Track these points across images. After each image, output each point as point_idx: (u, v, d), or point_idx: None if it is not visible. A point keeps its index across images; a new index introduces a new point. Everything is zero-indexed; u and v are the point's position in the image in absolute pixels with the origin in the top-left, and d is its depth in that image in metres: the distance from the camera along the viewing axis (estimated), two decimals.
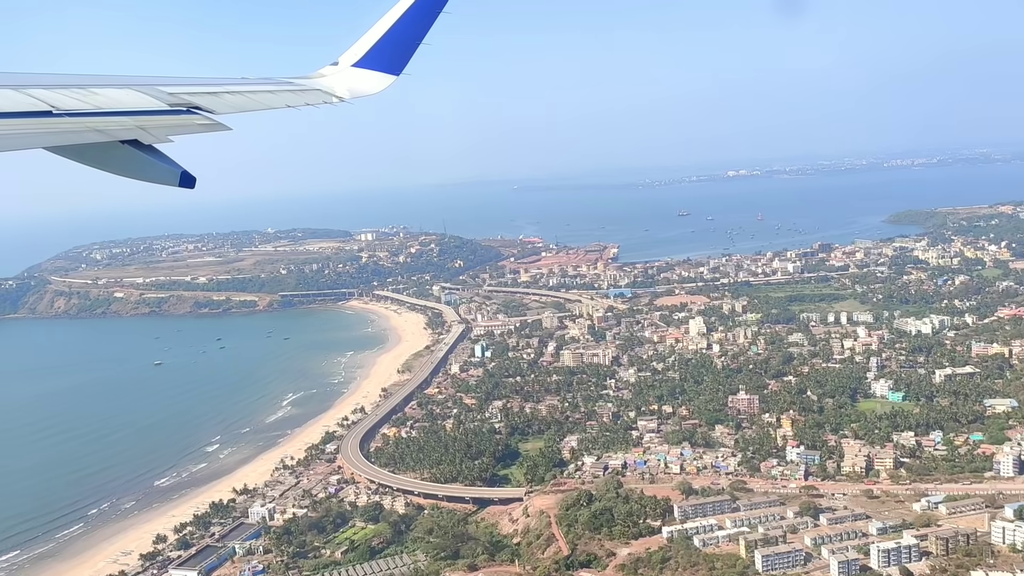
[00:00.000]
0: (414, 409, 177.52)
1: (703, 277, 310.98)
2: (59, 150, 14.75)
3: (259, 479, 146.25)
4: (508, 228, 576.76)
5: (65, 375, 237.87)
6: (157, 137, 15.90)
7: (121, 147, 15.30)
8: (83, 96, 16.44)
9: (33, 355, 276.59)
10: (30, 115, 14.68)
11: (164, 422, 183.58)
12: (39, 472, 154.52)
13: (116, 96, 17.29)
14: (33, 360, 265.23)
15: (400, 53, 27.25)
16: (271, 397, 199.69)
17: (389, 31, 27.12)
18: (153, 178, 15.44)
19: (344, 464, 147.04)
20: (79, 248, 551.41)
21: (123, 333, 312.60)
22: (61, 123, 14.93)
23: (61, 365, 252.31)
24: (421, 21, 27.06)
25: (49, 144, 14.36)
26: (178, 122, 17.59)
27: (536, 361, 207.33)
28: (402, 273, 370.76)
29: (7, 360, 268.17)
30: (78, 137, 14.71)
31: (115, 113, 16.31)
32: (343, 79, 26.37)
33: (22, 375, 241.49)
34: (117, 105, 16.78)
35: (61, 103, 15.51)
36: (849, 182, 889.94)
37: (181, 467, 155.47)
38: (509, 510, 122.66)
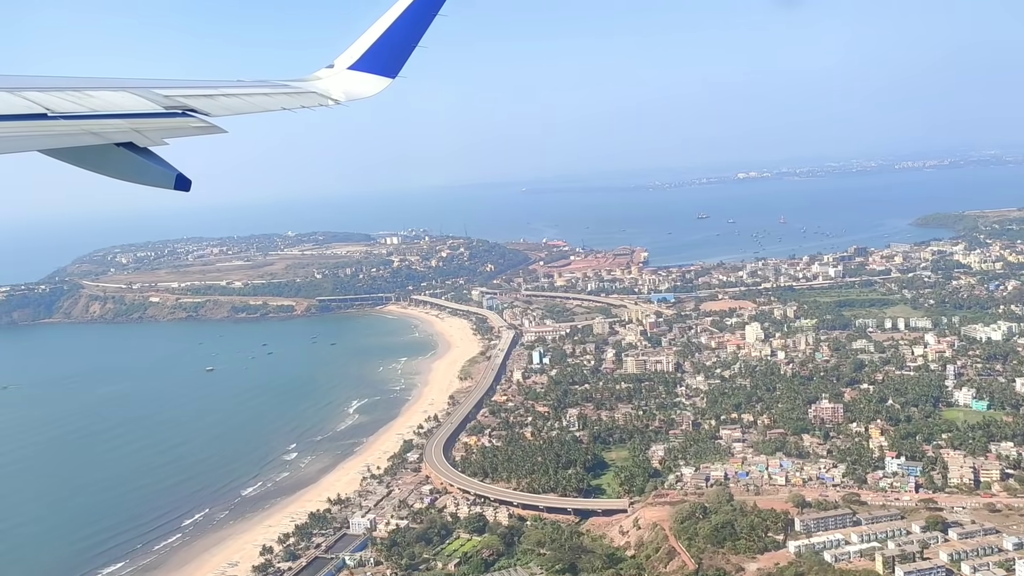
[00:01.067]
0: (487, 417, 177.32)
1: (743, 281, 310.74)
2: (54, 153, 14.79)
3: (347, 488, 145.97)
4: (527, 231, 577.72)
5: (118, 381, 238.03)
6: (152, 140, 15.93)
7: (116, 150, 15.31)
8: (78, 99, 16.48)
9: (79, 360, 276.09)
10: (25, 118, 14.66)
11: (234, 430, 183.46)
12: (122, 482, 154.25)
13: (111, 98, 17.33)
14: (81, 365, 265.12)
15: (396, 56, 27.38)
16: (336, 404, 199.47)
17: (385, 34, 27.25)
18: (148, 181, 15.47)
19: (432, 473, 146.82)
20: (99, 251, 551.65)
21: (163, 338, 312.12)
22: (56, 126, 14.91)
23: (111, 370, 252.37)
24: (417, 24, 27.21)
25: (44, 147, 14.32)
26: (173, 125, 17.62)
27: (597, 368, 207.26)
28: (435, 277, 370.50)
29: (55, 365, 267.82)
30: (73, 140, 14.73)
31: (110, 116, 16.33)
32: (339, 82, 26.50)
33: (75, 381, 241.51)
34: (112, 108, 16.79)
35: (56, 106, 15.50)
36: (861, 184, 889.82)
37: (264, 476, 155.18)
38: (613, 521, 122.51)
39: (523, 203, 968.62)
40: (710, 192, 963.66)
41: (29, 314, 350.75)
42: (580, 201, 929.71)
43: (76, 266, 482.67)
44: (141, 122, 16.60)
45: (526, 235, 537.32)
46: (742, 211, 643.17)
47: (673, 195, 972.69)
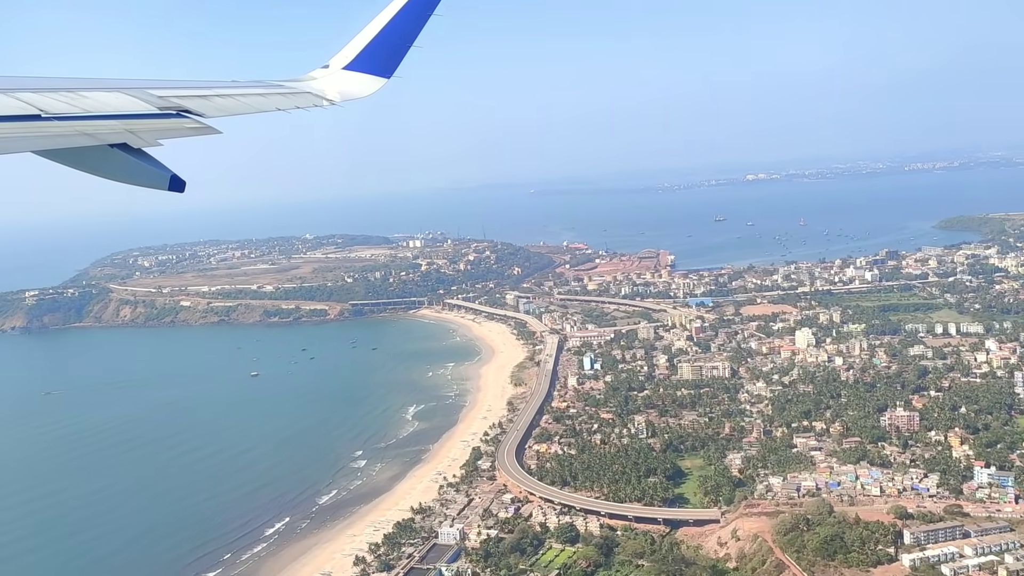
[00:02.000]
0: (551, 424, 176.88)
1: (779, 285, 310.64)
2: (48, 154, 14.81)
3: (424, 497, 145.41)
4: (544, 234, 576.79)
5: (164, 386, 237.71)
6: (146, 140, 15.93)
7: (110, 151, 15.29)
8: (72, 99, 16.48)
9: (119, 365, 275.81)
10: (19, 119, 14.65)
11: (297, 436, 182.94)
12: (197, 490, 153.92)
13: (105, 99, 17.32)
14: (122, 370, 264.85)
15: (390, 56, 27.46)
16: (393, 411, 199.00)
17: (379, 34, 27.34)
18: (142, 182, 15.46)
19: (509, 482, 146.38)
20: (118, 255, 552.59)
21: (198, 343, 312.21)
22: (50, 127, 14.91)
23: (155, 376, 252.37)
24: (411, 24, 27.32)
25: (38, 148, 14.31)
26: (167, 125, 17.63)
27: (651, 374, 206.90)
28: (464, 281, 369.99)
29: (95, 370, 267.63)
30: (67, 141, 14.72)
31: (104, 117, 16.32)
32: (334, 82, 26.57)
33: (120, 387, 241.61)
34: (106, 109, 16.79)
35: (50, 107, 15.51)
36: (873, 186, 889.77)
37: (338, 484, 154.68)
38: (706, 532, 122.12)
39: (534, 205, 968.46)
40: (720, 194, 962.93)
41: (60, 318, 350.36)
42: (591, 203, 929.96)
43: (98, 269, 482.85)
44: (135, 123, 16.64)
45: (544, 238, 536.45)
46: (758, 213, 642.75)
47: (683, 197, 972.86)
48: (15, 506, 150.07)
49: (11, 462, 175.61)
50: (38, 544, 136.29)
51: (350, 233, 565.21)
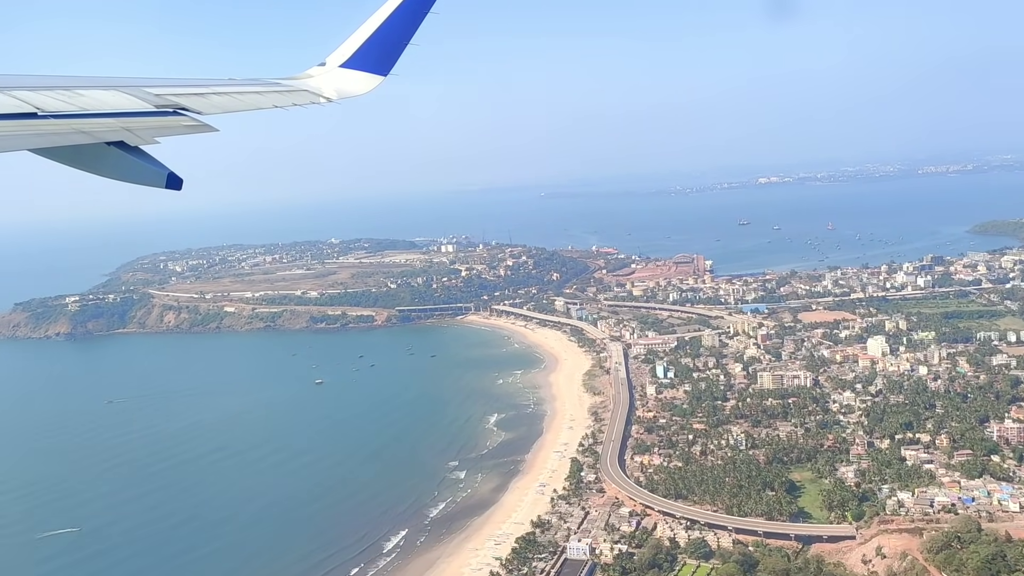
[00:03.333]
0: (643, 434, 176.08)
1: (830, 291, 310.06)
2: (45, 152, 14.76)
3: (535, 509, 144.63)
4: (567, 237, 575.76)
5: (228, 394, 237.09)
6: (143, 138, 15.97)
7: (107, 149, 15.33)
8: (68, 97, 16.50)
9: (174, 371, 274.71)
10: (14, 117, 14.65)
11: (385, 447, 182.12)
12: (304, 501, 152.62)
13: (101, 97, 17.35)
14: (179, 377, 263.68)
15: (387, 54, 27.42)
16: (473, 420, 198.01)
17: (376, 32, 27.31)
18: (139, 180, 15.50)
19: (620, 494, 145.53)
20: (144, 259, 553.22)
21: (248, 349, 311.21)
22: (46, 125, 14.93)
23: (215, 383, 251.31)
24: (409, 21, 27.27)
25: (34, 146, 14.28)
26: (164, 123, 17.65)
27: (730, 383, 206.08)
28: (506, 287, 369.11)
29: (152, 377, 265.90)
30: (63, 139, 14.72)
31: (100, 115, 16.35)
32: (331, 80, 26.59)
33: (182, 394, 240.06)
34: (102, 106, 16.83)
35: (46, 105, 15.53)
36: (887, 189, 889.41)
37: (443, 496, 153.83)
38: (841, 548, 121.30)
39: (548, 208, 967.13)
40: (734, 197, 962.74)
41: (103, 324, 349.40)
42: (605, 207, 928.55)
43: (129, 274, 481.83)
44: (132, 121, 16.64)
45: (569, 241, 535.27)
46: (781, 217, 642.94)
47: (698, 200, 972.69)
48: (122, 518, 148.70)
49: (102, 475, 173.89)
50: (152, 563, 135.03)
51: (376, 237, 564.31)
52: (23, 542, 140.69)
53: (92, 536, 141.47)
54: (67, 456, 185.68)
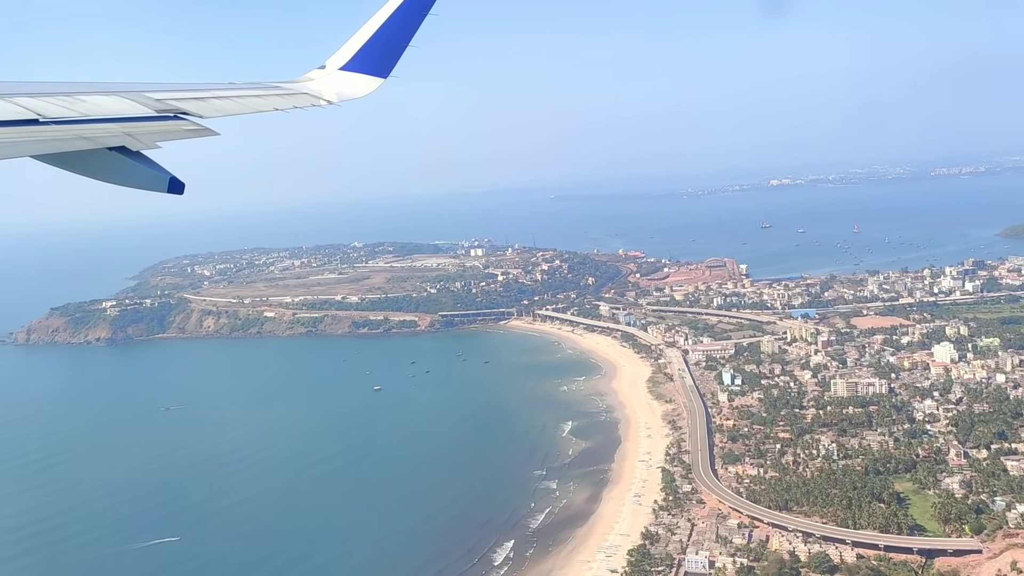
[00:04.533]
0: (727, 443, 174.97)
1: (877, 296, 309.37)
2: (47, 158, 14.87)
3: (638, 520, 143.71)
4: (589, 240, 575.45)
5: (287, 400, 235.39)
6: (144, 143, 16.05)
7: (108, 154, 15.42)
8: (70, 104, 16.60)
9: (229, 378, 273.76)
10: (16, 123, 14.75)
11: (467, 455, 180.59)
12: (404, 512, 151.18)
13: (103, 103, 17.48)
14: (233, 383, 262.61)
15: (387, 56, 27.59)
16: (547, 428, 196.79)
17: (376, 34, 27.44)
18: (141, 184, 15.56)
19: (723, 506, 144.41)
20: (167, 262, 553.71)
21: (294, 355, 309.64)
22: (48, 131, 15.03)
23: (274, 390, 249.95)
24: (408, 23, 27.41)
25: (36, 152, 14.40)
26: (165, 128, 17.70)
27: (802, 390, 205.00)
28: (544, 291, 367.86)
29: (203, 383, 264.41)
30: (65, 145, 14.82)
31: (102, 120, 16.45)
32: (331, 82, 26.77)
33: (240, 400, 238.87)
34: (104, 112, 16.95)
35: (48, 111, 15.63)
36: (904, 191, 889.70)
37: (540, 506, 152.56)
38: (969, 563, 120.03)
39: (561, 211, 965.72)
40: (748, 199, 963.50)
41: (143, 329, 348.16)
42: (620, 209, 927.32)
43: (159, 278, 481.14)
44: (133, 126, 16.72)
45: (589, 245, 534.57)
46: (801, 219, 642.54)
47: (712, 202, 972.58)
48: (223, 528, 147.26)
49: (189, 483, 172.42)
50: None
51: (398, 241, 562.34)
52: (125, 551, 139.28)
53: (195, 546, 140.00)
54: (145, 464, 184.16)
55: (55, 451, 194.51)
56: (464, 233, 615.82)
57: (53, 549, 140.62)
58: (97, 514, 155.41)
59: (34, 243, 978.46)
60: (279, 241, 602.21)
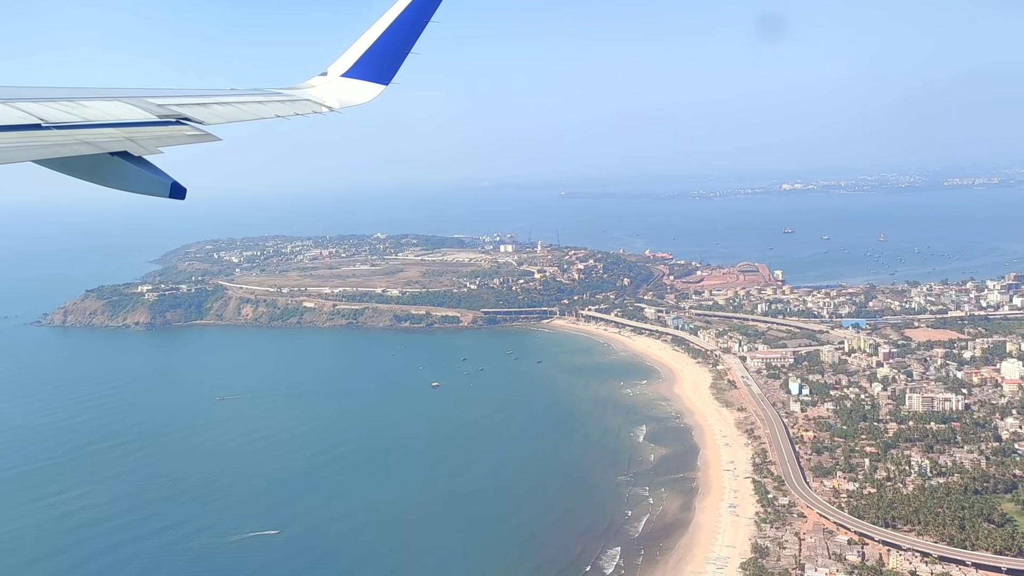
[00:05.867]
0: (811, 455, 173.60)
1: (925, 308, 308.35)
2: (48, 163, 14.83)
3: (739, 532, 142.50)
4: (609, 240, 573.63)
5: (348, 395, 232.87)
6: (146, 148, 16.12)
7: (111, 159, 15.48)
8: (72, 108, 16.65)
9: (279, 368, 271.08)
10: (19, 128, 14.80)
11: (546, 458, 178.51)
12: (506, 515, 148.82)
13: (105, 108, 17.52)
14: (287, 374, 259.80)
15: (389, 63, 27.58)
16: (619, 432, 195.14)
17: (377, 41, 27.41)
18: (143, 189, 15.62)
19: (826, 521, 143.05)
20: (189, 247, 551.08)
21: (340, 347, 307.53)
22: (50, 136, 15.09)
23: (329, 382, 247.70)
24: (409, 30, 27.35)
25: (39, 157, 14.40)
26: (167, 133, 17.83)
27: (874, 403, 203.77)
28: (582, 291, 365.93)
29: (257, 374, 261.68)
30: (68, 149, 14.86)
31: (104, 125, 16.49)
32: (332, 89, 26.85)
33: (293, 392, 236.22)
34: (106, 117, 16.98)
35: (50, 116, 15.70)
36: (921, 201, 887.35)
37: (637, 513, 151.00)
38: None
39: (572, 207, 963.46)
40: (762, 203, 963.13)
41: (181, 315, 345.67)
42: (632, 209, 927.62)
43: (186, 263, 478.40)
44: (135, 131, 16.78)
45: (612, 244, 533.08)
46: (820, 225, 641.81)
47: (726, 205, 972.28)
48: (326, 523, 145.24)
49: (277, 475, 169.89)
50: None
51: (422, 233, 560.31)
52: (225, 544, 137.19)
53: (297, 541, 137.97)
54: (220, 454, 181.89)
55: (128, 438, 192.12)
56: (484, 227, 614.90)
57: (151, 542, 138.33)
58: (188, 505, 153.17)
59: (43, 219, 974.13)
60: (299, 229, 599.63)
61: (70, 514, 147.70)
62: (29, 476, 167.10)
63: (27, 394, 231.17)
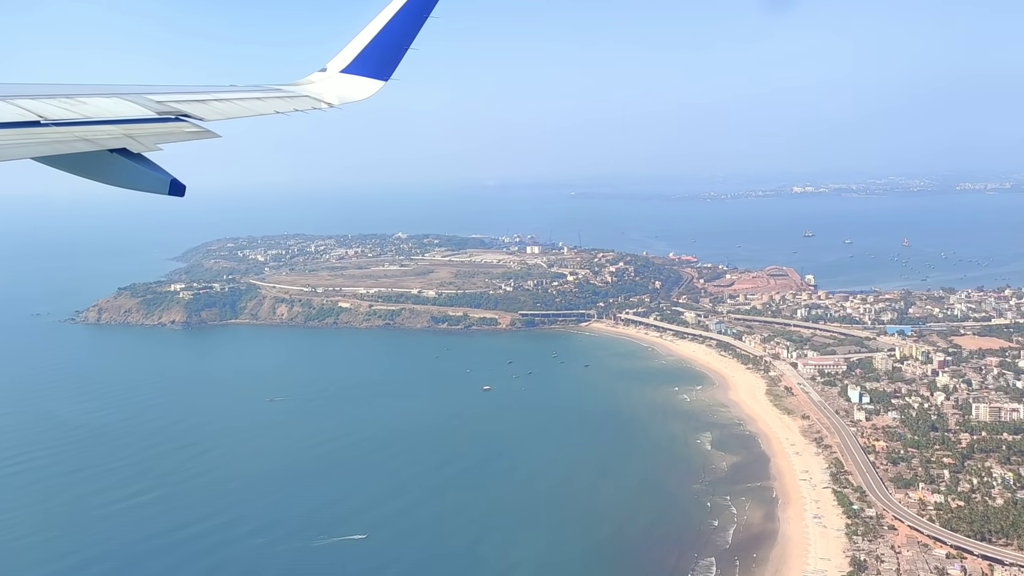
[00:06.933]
0: (887, 465, 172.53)
1: (968, 315, 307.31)
2: (47, 160, 14.86)
3: (830, 544, 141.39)
4: (628, 241, 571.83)
5: (400, 397, 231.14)
6: (146, 145, 16.09)
7: (110, 156, 15.45)
8: (71, 105, 16.60)
9: (324, 369, 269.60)
10: (18, 125, 14.75)
11: (617, 464, 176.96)
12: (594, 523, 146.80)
13: (104, 105, 17.49)
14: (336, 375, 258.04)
15: (388, 58, 27.53)
16: (688, 440, 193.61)
17: (377, 37, 27.35)
18: (142, 186, 15.67)
19: (920, 535, 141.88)
20: (209, 244, 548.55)
21: (383, 348, 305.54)
22: (49, 133, 15.04)
23: (380, 384, 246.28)
24: (409, 26, 27.28)
25: (38, 154, 14.39)
26: (167, 130, 17.74)
27: (940, 412, 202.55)
28: (617, 293, 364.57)
29: (303, 375, 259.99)
30: (67, 147, 14.84)
31: (103, 122, 16.46)
32: (332, 85, 26.80)
33: (354, 395, 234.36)
34: (105, 114, 16.95)
35: (49, 113, 15.65)
36: (935, 205, 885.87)
37: (724, 523, 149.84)
38: None
39: (583, 208, 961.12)
40: (775, 206, 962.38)
41: (216, 313, 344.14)
42: (645, 210, 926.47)
43: (212, 262, 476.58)
44: (134, 127, 16.74)
45: (632, 246, 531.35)
46: (843, 229, 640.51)
47: (738, 207, 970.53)
48: (415, 529, 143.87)
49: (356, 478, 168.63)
50: None
51: (443, 233, 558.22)
52: (317, 547, 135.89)
53: (389, 547, 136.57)
54: (292, 457, 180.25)
55: (194, 439, 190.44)
56: (502, 228, 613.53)
57: (245, 545, 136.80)
58: (271, 507, 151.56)
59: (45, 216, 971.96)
60: (320, 228, 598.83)
61: (157, 516, 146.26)
62: (104, 477, 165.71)
63: (81, 393, 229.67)
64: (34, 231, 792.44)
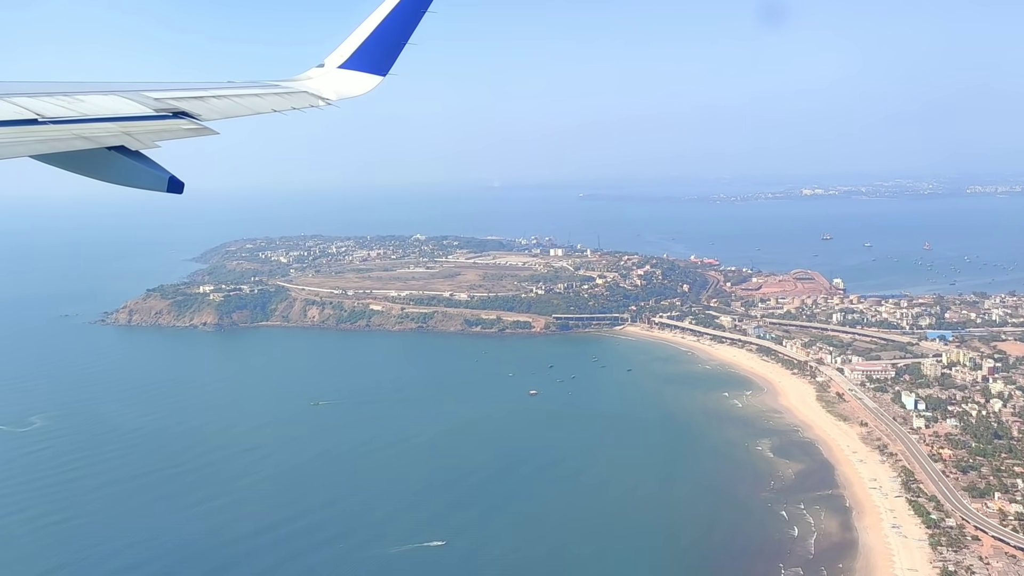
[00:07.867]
0: (956, 473, 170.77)
1: (1006, 320, 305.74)
2: (45, 158, 14.79)
3: (913, 554, 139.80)
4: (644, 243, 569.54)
5: (447, 402, 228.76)
6: (144, 143, 15.99)
7: (108, 154, 15.33)
8: (69, 103, 16.51)
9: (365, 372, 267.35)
10: (15, 123, 14.62)
11: (679, 470, 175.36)
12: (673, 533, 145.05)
13: (102, 103, 17.38)
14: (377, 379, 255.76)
15: (386, 54, 27.38)
16: (747, 446, 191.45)
17: (374, 32, 27.19)
18: (141, 184, 15.52)
19: (1005, 546, 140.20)
20: (228, 245, 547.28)
21: (420, 351, 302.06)
22: (47, 131, 14.92)
23: (424, 388, 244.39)
24: (406, 21, 27.10)
25: (35, 152, 14.29)
26: (165, 127, 17.64)
27: (999, 419, 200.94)
28: (647, 297, 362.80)
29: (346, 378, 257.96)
30: (65, 145, 14.74)
31: (101, 119, 16.35)
32: (330, 81, 26.64)
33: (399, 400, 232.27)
34: (103, 112, 16.85)
35: (47, 111, 15.54)
36: (947, 208, 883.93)
37: (804, 532, 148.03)
38: None
39: (594, 209, 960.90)
40: (787, 208, 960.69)
41: (247, 315, 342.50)
42: (656, 212, 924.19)
43: (235, 263, 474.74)
44: (132, 125, 16.63)
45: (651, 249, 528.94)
46: (861, 232, 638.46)
47: (749, 209, 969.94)
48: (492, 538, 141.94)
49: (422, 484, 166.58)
50: None
51: (462, 235, 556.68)
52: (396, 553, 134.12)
53: (471, 556, 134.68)
54: (353, 463, 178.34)
55: (251, 443, 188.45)
56: (518, 229, 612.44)
57: (325, 552, 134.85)
58: (344, 514, 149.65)
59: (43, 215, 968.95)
60: (337, 229, 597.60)
61: (231, 521, 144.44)
62: (167, 483, 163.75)
63: (128, 397, 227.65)
64: (37, 231, 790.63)
